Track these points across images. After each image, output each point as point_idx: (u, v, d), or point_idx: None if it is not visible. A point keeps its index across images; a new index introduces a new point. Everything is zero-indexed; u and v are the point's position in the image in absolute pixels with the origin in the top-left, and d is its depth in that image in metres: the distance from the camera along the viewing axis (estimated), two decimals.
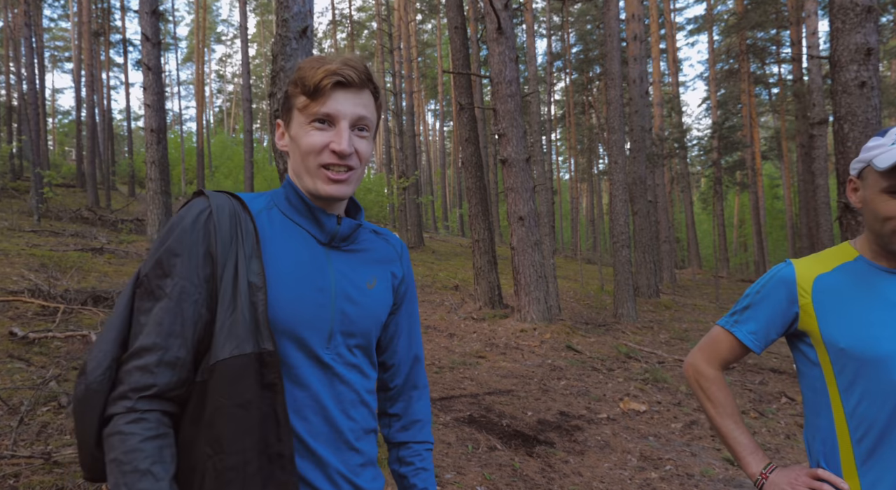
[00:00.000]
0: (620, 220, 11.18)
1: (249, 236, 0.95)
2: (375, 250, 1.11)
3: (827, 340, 1.15)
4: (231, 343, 0.87)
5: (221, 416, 0.85)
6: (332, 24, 33.76)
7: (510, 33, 8.88)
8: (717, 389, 1.30)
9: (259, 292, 0.90)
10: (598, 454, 4.13)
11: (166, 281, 0.89)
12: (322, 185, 0.97)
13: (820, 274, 1.19)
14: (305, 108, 0.96)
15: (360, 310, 1.02)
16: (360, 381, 1.02)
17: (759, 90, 27.13)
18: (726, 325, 1.30)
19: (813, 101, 12.77)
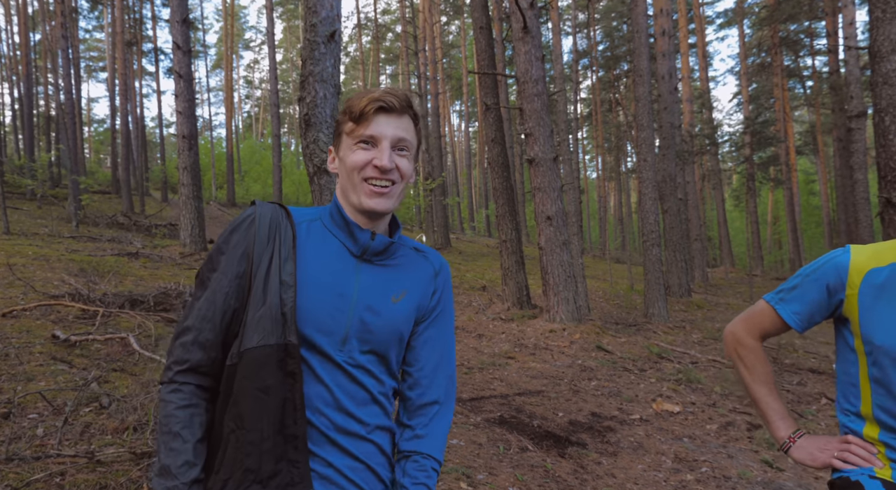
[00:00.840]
0: (650, 219, 11.01)
1: (287, 241, 1.07)
2: (410, 267, 1.17)
3: (864, 333, 1.16)
4: (259, 333, 0.99)
5: (245, 397, 0.97)
6: (357, 28, 34.06)
7: (536, 32, 8.83)
8: (755, 357, 1.33)
9: (289, 290, 1.02)
10: (632, 455, 4.07)
11: (213, 274, 1.05)
12: (365, 198, 1.07)
13: (873, 268, 1.18)
14: (352, 132, 1.08)
15: (381, 320, 1.08)
16: (372, 383, 1.08)
17: (793, 83, 26.43)
18: (772, 301, 1.31)
19: (850, 93, 12.38)
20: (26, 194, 18.02)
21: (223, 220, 21.49)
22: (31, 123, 22.71)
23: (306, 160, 3.77)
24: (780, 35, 23.30)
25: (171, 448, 0.97)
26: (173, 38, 11.31)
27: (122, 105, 22.64)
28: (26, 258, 8.54)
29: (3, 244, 9.66)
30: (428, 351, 1.18)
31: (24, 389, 3.46)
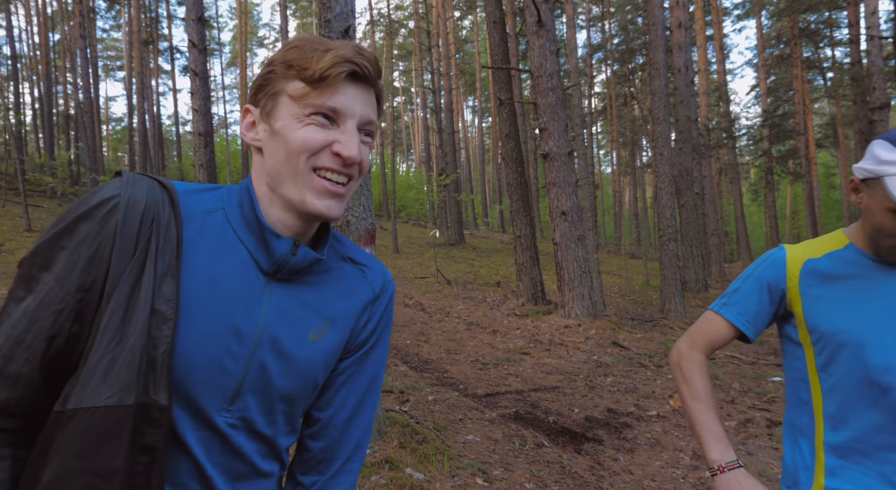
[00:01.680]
0: (666, 214, 10.90)
1: (169, 245, 0.72)
2: (342, 286, 0.86)
3: (809, 323, 1.18)
4: (108, 387, 0.65)
5: (71, 481, 0.64)
6: (370, 24, 34.09)
7: (550, 26, 8.76)
8: (696, 372, 1.30)
9: (165, 325, 0.69)
10: (649, 452, 4.04)
11: (44, 274, 0.69)
12: (312, 196, 0.75)
13: (809, 258, 1.21)
14: (303, 98, 0.74)
15: (290, 368, 0.78)
16: (261, 450, 0.80)
17: (813, 75, 25.98)
18: (716, 308, 1.31)
19: (873, 84, 12.13)
20: (47, 192, 18.33)
21: None
22: (50, 122, 23.08)
23: None
24: (799, 26, 22.90)
25: None
26: (189, 37, 11.41)
27: (139, 103, 22.91)
28: None
29: (26, 241, 9.84)
30: (345, 394, 0.88)
31: None
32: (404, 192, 35.59)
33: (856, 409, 1.13)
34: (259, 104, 0.79)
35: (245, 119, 0.81)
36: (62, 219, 0.71)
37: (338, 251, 0.88)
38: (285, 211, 0.78)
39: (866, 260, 1.17)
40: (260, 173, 0.79)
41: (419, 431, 3.62)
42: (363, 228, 3.61)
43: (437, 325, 8.68)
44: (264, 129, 0.78)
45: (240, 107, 31.40)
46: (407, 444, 3.37)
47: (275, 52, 0.79)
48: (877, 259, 1.16)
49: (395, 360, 6.34)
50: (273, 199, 0.78)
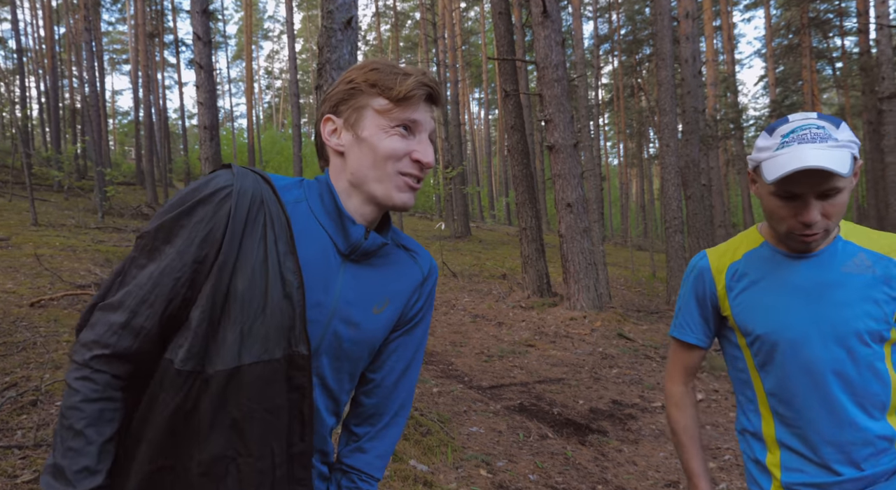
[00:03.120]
0: (673, 205, 10.84)
1: (282, 229, 0.88)
2: (398, 270, 1.02)
3: (741, 326, 1.21)
4: (259, 346, 0.83)
5: (251, 421, 0.83)
6: (375, 16, 33.95)
7: (556, 16, 8.69)
8: (678, 414, 1.33)
9: (297, 291, 0.86)
10: (653, 443, 4.04)
11: (166, 247, 0.84)
12: (397, 192, 0.93)
13: (731, 263, 1.25)
14: (388, 112, 0.92)
15: (358, 334, 0.95)
16: (328, 404, 0.97)
17: (822, 65, 25.67)
18: (672, 332, 1.35)
19: (882, 74, 11.97)
20: (53, 186, 18.42)
21: None
22: (56, 116, 23.17)
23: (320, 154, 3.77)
24: (808, 15, 22.61)
25: (70, 447, 0.80)
26: (194, 30, 11.39)
27: (144, 97, 22.95)
28: (53, 249, 8.74)
29: (32, 235, 9.90)
30: (395, 360, 1.06)
31: (51, 377, 3.55)
32: None
33: (799, 403, 1.15)
34: (342, 115, 0.95)
35: (327, 126, 0.96)
36: (182, 201, 0.86)
37: (394, 239, 1.04)
38: (366, 203, 0.94)
39: (780, 256, 1.19)
40: (340, 172, 0.95)
41: (423, 423, 3.63)
42: None
43: (443, 317, 8.69)
44: (348, 136, 0.94)
45: (246, 100, 31.41)
46: (411, 436, 3.38)
47: (351, 72, 0.96)
48: (789, 254, 1.18)
49: None
50: (353, 193, 0.94)
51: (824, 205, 1.08)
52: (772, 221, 1.16)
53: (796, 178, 1.06)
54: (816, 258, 1.16)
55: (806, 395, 1.14)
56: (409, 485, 2.83)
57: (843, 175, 1.02)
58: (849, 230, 1.19)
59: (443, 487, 2.93)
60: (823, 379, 1.13)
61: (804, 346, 1.13)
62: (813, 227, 1.09)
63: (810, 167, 1.03)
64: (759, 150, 1.13)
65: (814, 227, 1.09)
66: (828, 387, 1.13)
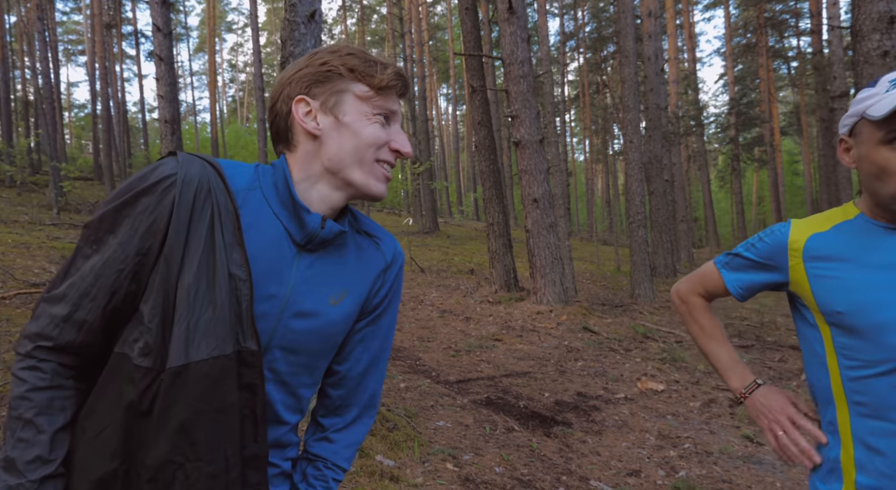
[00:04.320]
0: (636, 200, 11.06)
1: (230, 221, 0.85)
2: (358, 258, 0.99)
3: (822, 304, 1.08)
4: (209, 342, 0.80)
5: (200, 423, 0.79)
6: (342, 10, 33.56)
7: (522, 13, 8.75)
8: (701, 314, 1.31)
9: (244, 285, 0.83)
10: (617, 434, 4.14)
11: (110, 237, 0.82)
12: (375, 182, 0.92)
13: (814, 233, 1.12)
14: (370, 99, 0.91)
15: (313, 326, 0.92)
16: (286, 400, 0.93)
17: (778, 64, 26.50)
18: (719, 265, 1.28)
19: (833, 73, 12.45)
20: (5, 181, 17.70)
21: None
22: (7, 108, 22.23)
23: None
24: (765, 15, 23.30)
25: (21, 438, 0.78)
26: (153, 21, 11.06)
27: (102, 89, 22.21)
28: (6, 246, 8.42)
29: None
30: (361, 351, 1.04)
31: (3, 378, 3.43)
32: None
33: (884, 394, 1.02)
34: (317, 98, 0.92)
35: (300, 107, 0.92)
36: (124, 191, 0.83)
37: (355, 225, 1.01)
38: (338, 190, 0.92)
39: (878, 228, 1.06)
40: (312, 157, 0.91)
41: (390, 419, 3.64)
42: None
43: (411, 313, 8.70)
44: (326, 120, 0.91)
45: (209, 93, 30.70)
46: (377, 432, 3.39)
47: (323, 55, 0.93)
48: (889, 226, 1.05)
49: None
50: (324, 178, 0.92)
51: None
52: (876, 184, 1.01)
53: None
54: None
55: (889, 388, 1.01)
56: (376, 480, 2.84)
57: None
58: None
59: (409, 482, 2.95)
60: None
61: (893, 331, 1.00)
62: None
63: None
64: (862, 101, 1.03)
65: None
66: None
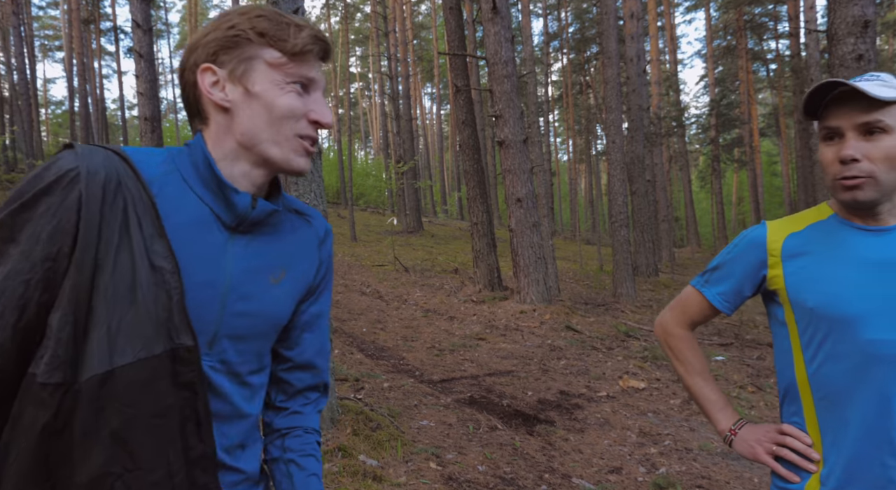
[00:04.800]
0: (619, 200, 11.17)
1: (146, 211, 0.77)
2: (292, 235, 0.94)
3: (794, 300, 1.12)
4: (135, 344, 0.73)
5: (135, 429, 0.73)
6: (325, 8, 33.36)
7: (505, 13, 8.78)
8: (687, 348, 1.29)
9: (172, 277, 0.76)
10: (598, 431, 4.18)
11: (10, 247, 0.72)
12: (296, 157, 0.85)
13: (791, 233, 1.16)
14: (283, 66, 0.83)
15: (258, 309, 0.87)
16: (240, 391, 0.88)
17: (757, 66, 26.91)
18: (697, 285, 1.28)
19: (811, 76, 12.69)
20: None
21: None
22: None
23: None
24: (744, 18, 23.65)
25: None
26: (132, 16, 10.90)
27: (80, 86, 21.84)
28: None
29: None
30: (312, 334, 1.00)
31: None
32: (362, 180, 35.22)
33: (847, 389, 1.06)
34: (224, 66, 0.83)
35: (206, 77, 0.83)
36: (21, 193, 0.74)
37: (285, 204, 0.95)
38: (257, 167, 0.85)
39: (848, 228, 1.10)
40: (225, 132, 0.84)
41: (373, 418, 3.63)
42: None
43: (395, 312, 8.69)
44: (236, 91, 0.83)
45: None
46: (360, 432, 3.39)
47: (231, 17, 0.84)
48: (859, 226, 1.10)
49: (350, 347, 6.33)
50: (241, 155, 0.84)
51: (867, 146, 1.02)
52: (825, 179, 1.09)
53: (833, 109, 1.04)
54: (889, 234, 1.07)
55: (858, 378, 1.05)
56: (359, 479, 2.84)
57: (879, 97, 0.99)
58: None
59: (392, 481, 2.95)
60: (877, 364, 1.03)
61: (862, 326, 1.04)
62: (851, 165, 1.02)
63: (837, 80, 1.01)
64: None
65: (853, 167, 1.02)
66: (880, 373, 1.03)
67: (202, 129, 0.87)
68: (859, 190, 1.03)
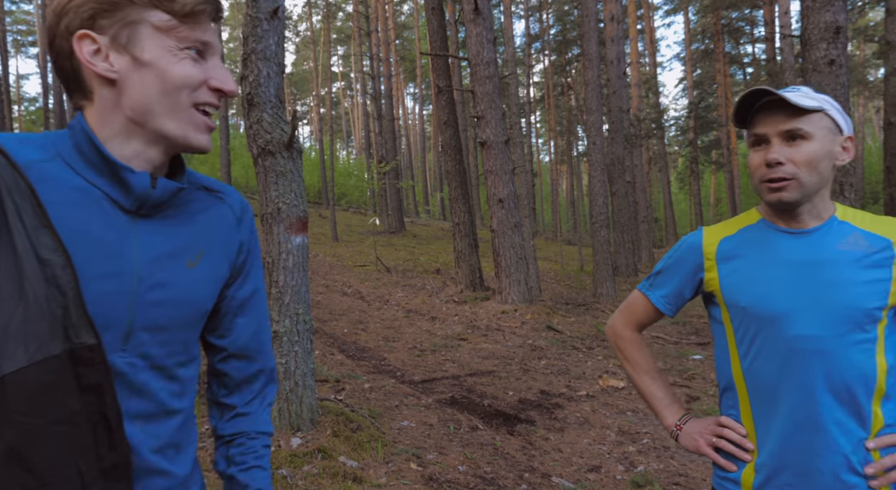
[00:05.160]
0: (599, 201, 11.27)
1: (25, 201, 0.69)
2: (204, 215, 0.86)
3: (728, 300, 1.20)
4: (28, 346, 0.65)
5: (36, 441, 0.65)
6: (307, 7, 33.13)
7: (487, 14, 8.81)
8: (635, 349, 1.36)
9: (63, 270, 0.68)
10: (578, 430, 4.21)
11: None
12: (195, 132, 0.77)
13: (724, 237, 1.24)
14: (173, 30, 0.74)
15: (174, 297, 0.79)
16: (166, 386, 0.81)
17: (734, 70, 27.36)
18: (643, 289, 1.36)
19: (786, 79, 12.94)
20: None
21: None
22: None
23: (249, 141, 3.67)
24: (722, 22, 24.03)
25: None
26: None
27: (54, 82, 21.38)
28: None
29: None
30: (244, 318, 0.93)
31: None
32: (344, 180, 35.06)
33: (776, 382, 1.13)
34: (105, 32, 0.73)
35: (85, 45, 0.73)
36: None
37: (192, 181, 0.87)
38: (150, 145, 0.77)
39: (775, 231, 1.19)
40: (113, 107, 0.75)
41: (354, 419, 3.62)
42: (294, 215, 3.55)
43: (376, 313, 8.66)
44: (122, 60, 0.74)
45: None
46: (341, 433, 3.37)
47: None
48: (784, 229, 1.18)
49: (331, 348, 6.29)
50: (134, 133, 0.76)
51: (790, 151, 1.10)
52: (752, 182, 1.18)
53: (759, 117, 1.13)
54: (809, 235, 1.16)
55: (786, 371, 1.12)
56: (339, 481, 2.83)
57: (800, 105, 1.07)
58: (845, 212, 1.19)
59: (372, 482, 2.94)
60: (802, 357, 1.10)
61: (787, 321, 1.12)
62: (776, 168, 1.10)
63: (763, 88, 1.10)
64: None
65: (778, 170, 1.10)
66: (804, 365, 1.10)
67: (85, 105, 0.78)
68: (784, 191, 1.11)
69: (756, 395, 1.17)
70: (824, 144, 1.11)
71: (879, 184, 24.17)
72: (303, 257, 3.59)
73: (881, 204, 22.40)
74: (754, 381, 1.17)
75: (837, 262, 1.12)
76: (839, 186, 4.81)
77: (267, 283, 3.48)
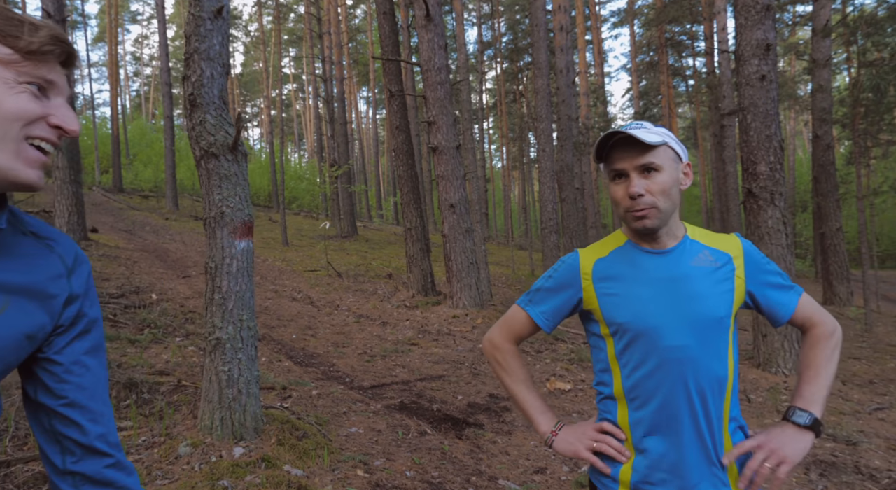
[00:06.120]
0: (549, 207, 11.49)
1: None
2: (23, 261, 0.80)
3: (607, 317, 1.30)
4: None
5: None
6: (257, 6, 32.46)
7: (439, 20, 8.87)
8: (512, 360, 1.44)
9: None
10: (525, 433, 4.27)
11: None
12: (24, 167, 0.73)
13: (599, 258, 1.35)
14: (14, 64, 0.72)
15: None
16: None
17: (677, 82, 28.46)
18: (522, 304, 1.43)
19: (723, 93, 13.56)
20: None
21: (108, 207, 19.87)
22: None
23: (192, 143, 3.57)
24: (665, 36, 24.98)
25: None
26: (43, 6, 10.22)
27: None
28: None
29: None
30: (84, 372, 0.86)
31: None
32: (295, 183, 34.46)
33: (652, 388, 1.25)
34: None
35: None
36: None
37: (17, 226, 0.82)
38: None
39: (639, 252, 1.31)
40: None
41: (300, 427, 3.56)
42: (238, 220, 3.47)
43: (326, 318, 8.55)
44: None
45: (110, 87, 28.56)
46: (286, 441, 3.31)
47: None
48: (646, 250, 1.30)
49: (278, 355, 6.16)
50: None
51: (647, 182, 1.22)
52: (617, 211, 1.29)
53: (616, 154, 1.24)
54: (669, 254, 1.28)
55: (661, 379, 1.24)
56: None
57: (649, 142, 1.19)
58: (693, 231, 1.34)
59: None
60: (674, 365, 1.23)
61: (660, 334, 1.24)
62: (639, 200, 1.22)
63: (616, 131, 1.22)
64: None
65: (640, 201, 1.22)
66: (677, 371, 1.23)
67: None
68: (647, 218, 1.24)
69: (634, 402, 1.28)
70: (672, 173, 1.24)
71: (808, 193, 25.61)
72: (247, 262, 3.52)
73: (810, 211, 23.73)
74: (632, 388, 1.28)
75: (693, 277, 1.26)
76: (770, 196, 5.07)
77: (210, 288, 3.39)
